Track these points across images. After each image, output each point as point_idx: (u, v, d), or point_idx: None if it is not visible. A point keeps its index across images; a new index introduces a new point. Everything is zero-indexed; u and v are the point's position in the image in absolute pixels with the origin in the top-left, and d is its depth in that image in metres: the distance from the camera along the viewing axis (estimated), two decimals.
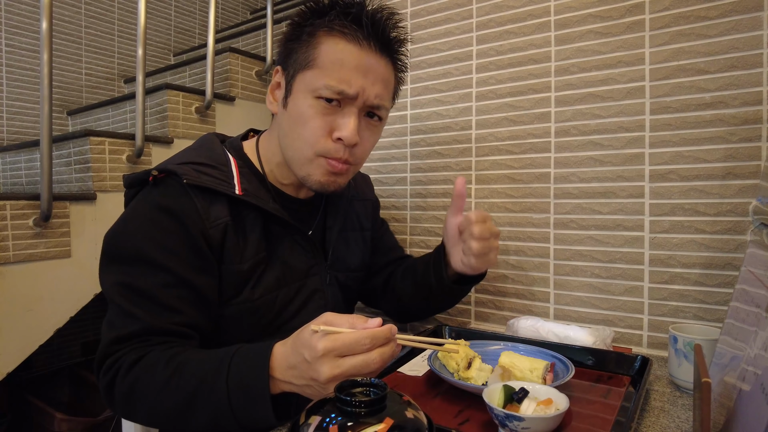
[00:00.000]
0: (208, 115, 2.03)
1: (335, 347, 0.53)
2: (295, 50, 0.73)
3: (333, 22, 0.71)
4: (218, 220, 0.70)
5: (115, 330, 0.65)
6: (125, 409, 0.64)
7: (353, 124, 0.71)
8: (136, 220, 0.70)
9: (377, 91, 0.73)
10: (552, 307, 1.04)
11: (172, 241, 0.68)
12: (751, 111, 0.85)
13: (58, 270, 1.51)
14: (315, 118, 0.71)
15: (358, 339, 0.53)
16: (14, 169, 2.05)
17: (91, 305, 1.62)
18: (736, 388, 0.48)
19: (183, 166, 0.71)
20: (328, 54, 0.70)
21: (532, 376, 0.67)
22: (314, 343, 0.53)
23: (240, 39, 2.56)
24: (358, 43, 0.71)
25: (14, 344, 1.42)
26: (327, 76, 0.70)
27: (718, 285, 0.88)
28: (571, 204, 1.01)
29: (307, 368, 0.54)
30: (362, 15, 0.71)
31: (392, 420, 0.44)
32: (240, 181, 0.74)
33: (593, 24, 0.98)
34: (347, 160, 0.74)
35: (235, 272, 0.72)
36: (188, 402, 0.59)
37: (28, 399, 1.95)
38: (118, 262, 0.68)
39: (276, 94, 0.78)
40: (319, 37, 0.71)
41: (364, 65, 0.71)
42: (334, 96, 0.70)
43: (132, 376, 0.62)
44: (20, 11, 2.27)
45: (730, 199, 0.87)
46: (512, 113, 1.08)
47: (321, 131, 0.71)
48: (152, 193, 0.71)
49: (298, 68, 0.72)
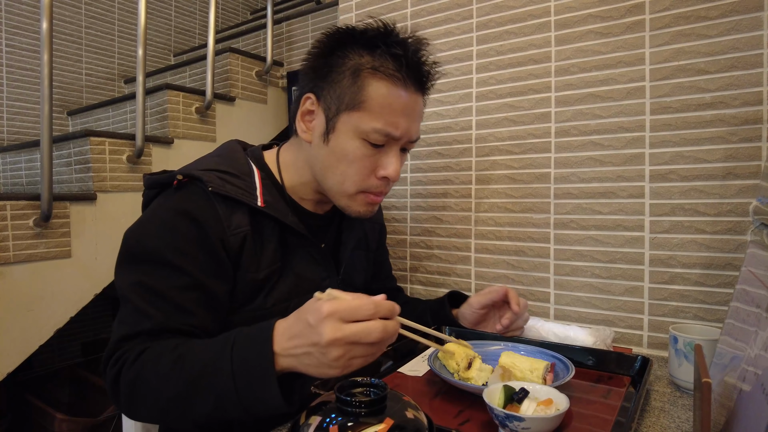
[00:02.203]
0: (209, 116, 2.04)
1: (339, 309, 0.52)
2: (336, 86, 0.74)
3: (379, 63, 0.72)
4: (238, 228, 0.72)
5: (126, 327, 0.66)
6: (129, 402, 0.63)
7: (397, 162, 0.76)
8: (156, 222, 0.70)
9: (417, 128, 0.78)
10: (552, 307, 1.04)
11: (191, 245, 0.69)
12: (752, 111, 0.85)
13: (58, 270, 1.52)
14: (362, 159, 0.74)
15: (361, 304, 0.53)
16: (14, 169, 2.05)
17: (91, 305, 1.62)
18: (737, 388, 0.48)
19: (208, 173, 0.72)
20: (377, 98, 0.72)
21: (533, 377, 0.66)
22: (319, 306, 0.53)
23: (240, 39, 2.56)
24: (404, 86, 0.73)
25: (14, 344, 1.42)
26: (375, 120, 0.72)
27: (719, 285, 0.88)
28: (572, 204, 1.01)
29: (309, 332, 0.54)
30: (407, 58, 0.73)
31: (392, 420, 0.44)
32: (262, 192, 0.76)
33: (593, 24, 0.98)
34: (386, 192, 0.80)
35: (250, 280, 0.73)
36: (192, 387, 0.58)
37: (28, 399, 1.95)
38: (135, 262, 0.69)
39: (309, 123, 0.78)
40: (364, 79, 0.72)
41: (408, 107, 0.74)
42: (381, 139, 0.73)
43: (137, 366, 0.62)
44: (20, 11, 2.27)
45: (730, 200, 0.87)
46: (512, 113, 1.08)
47: (366, 171, 0.75)
48: (175, 197, 0.71)
49: (342, 107, 0.73)
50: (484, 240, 1.13)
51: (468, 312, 0.92)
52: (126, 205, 1.73)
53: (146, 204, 0.77)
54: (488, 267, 1.12)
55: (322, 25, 2.22)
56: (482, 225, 1.13)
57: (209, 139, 2.05)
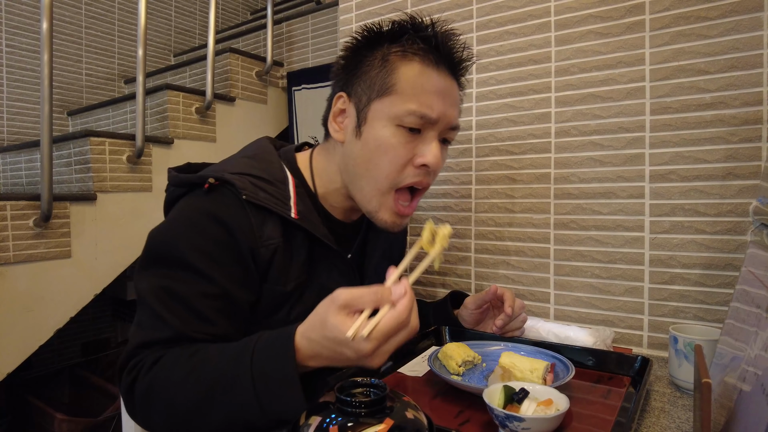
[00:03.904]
0: (209, 116, 2.04)
1: (379, 340, 0.53)
2: (366, 77, 0.71)
3: (407, 46, 0.70)
4: (270, 240, 0.69)
5: (143, 334, 0.63)
6: (144, 411, 0.61)
7: (437, 148, 0.71)
8: (184, 225, 0.67)
9: (455, 113, 0.74)
10: (552, 307, 1.04)
11: (219, 252, 0.66)
12: (752, 111, 0.85)
13: (58, 270, 1.52)
14: (397, 147, 0.70)
15: (398, 322, 0.53)
16: (14, 169, 2.05)
17: (91, 305, 1.62)
18: (737, 388, 0.48)
19: (242, 178, 0.69)
20: (408, 79, 0.69)
21: (533, 377, 0.66)
22: (361, 347, 0.52)
23: (240, 39, 2.56)
24: (435, 66, 0.70)
25: (14, 344, 1.42)
26: (408, 101, 0.68)
27: (719, 285, 0.88)
28: (572, 204, 1.01)
29: (353, 361, 0.55)
30: (435, 38, 0.70)
31: (392, 420, 0.44)
32: (296, 202, 0.72)
33: (593, 24, 0.98)
34: (428, 183, 0.74)
35: (279, 293, 0.71)
36: (209, 396, 0.57)
37: (28, 399, 1.96)
38: (159, 265, 0.66)
39: (341, 122, 0.75)
40: (393, 63, 0.70)
41: (442, 89, 0.71)
42: (416, 122, 0.69)
43: (152, 374, 0.60)
44: (20, 12, 2.27)
45: (730, 200, 0.87)
46: (512, 113, 1.08)
47: (403, 159, 0.70)
48: (205, 200, 0.68)
49: (373, 95, 0.70)
50: (484, 240, 1.13)
51: (465, 313, 0.92)
52: (126, 205, 1.73)
53: (170, 201, 0.74)
54: (488, 267, 1.12)
55: (322, 25, 2.22)
56: (482, 225, 1.13)
57: (209, 139, 2.05)
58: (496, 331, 0.87)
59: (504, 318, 0.86)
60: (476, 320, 0.92)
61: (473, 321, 0.92)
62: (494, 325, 0.87)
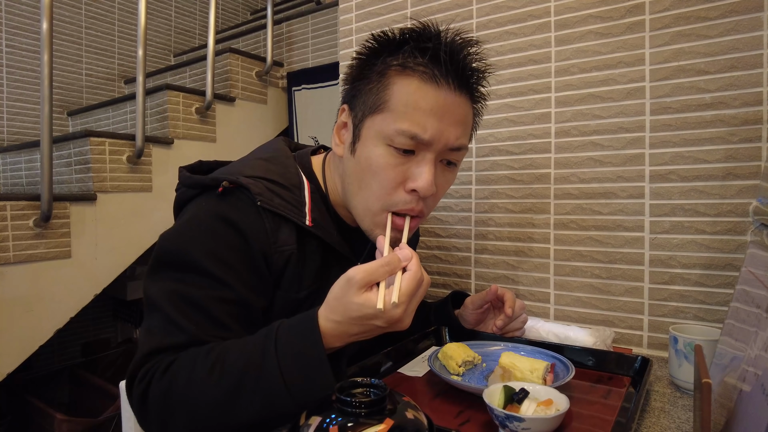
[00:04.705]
0: (209, 116, 2.04)
1: (406, 303, 0.56)
2: (364, 91, 0.68)
3: (406, 59, 0.65)
4: (284, 246, 0.68)
5: (156, 339, 0.60)
6: (161, 418, 0.58)
7: (429, 173, 0.65)
8: (198, 227, 0.65)
9: (457, 133, 0.66)
10: (552, 307, 1.04)
11: (233, 257, 0.64)
12: (752, 111, 0.85)
13: (58, 270, 1.52)
14: (386, 169, 0.65)
15: (417, 280, 0.56)
16: (14, 169, 2.05)
17: (91, 305, 1.62)
18: (737, 388, 0.48)
19: (257, 182, 0.67)
20: (401, 96, 0.64)
21: (533, 377, 0.66)
22: (392, 314, 0.55)
23: (240, 39, 2.56)
24: (435, 82, 0.64)
25: (14, 345, 1.42)
26: (399, 119, 0.64)
27: (719, 286, 0.88)
28: (572, 204, 1.01)
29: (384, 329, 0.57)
30: (439, 50, 0.64)
31: (392, 420, 0.44)
32: (311, 209, 0.71)
33: (593, 25, 0.98)
34: (421, 211, 0.69)
35: (292, 300, 0.70)
36: (235, 387, 0.55)
37: (28, 400, 1.95)
38: (172, 269, 0.63)
39: (342, 135, 0.72)
40: (390, 77, 0.65)
41: (441, 107, 0.64)
42: (407, 143, 0.64)
43: (168, 377, 0.57)
44: (20, 12, 2.27)
45: (730, 200, 0.87)
46: (512, 114, 1.08)
47: (392, 183, 0.66)
48: (219, 204, 0.66)
49: (367, 111, 0.67)
50: (484, 240, 1.13)
51: (465, 313, 0.92)
52: (126, 206, 1.73)
53: (181, 202, 0.72)
54: (488, 267, 1.12)
55: (322, 26, 2.22)
56: (482, 225, 1.13)
57: (209, 139, 2.05)
58: (497, 331, 0.87)
59: (504, 319, 0.86)
60: (477, 320, 0.92)
61: (474, 321, 0.92)
62: (494, 326, 0.87)
